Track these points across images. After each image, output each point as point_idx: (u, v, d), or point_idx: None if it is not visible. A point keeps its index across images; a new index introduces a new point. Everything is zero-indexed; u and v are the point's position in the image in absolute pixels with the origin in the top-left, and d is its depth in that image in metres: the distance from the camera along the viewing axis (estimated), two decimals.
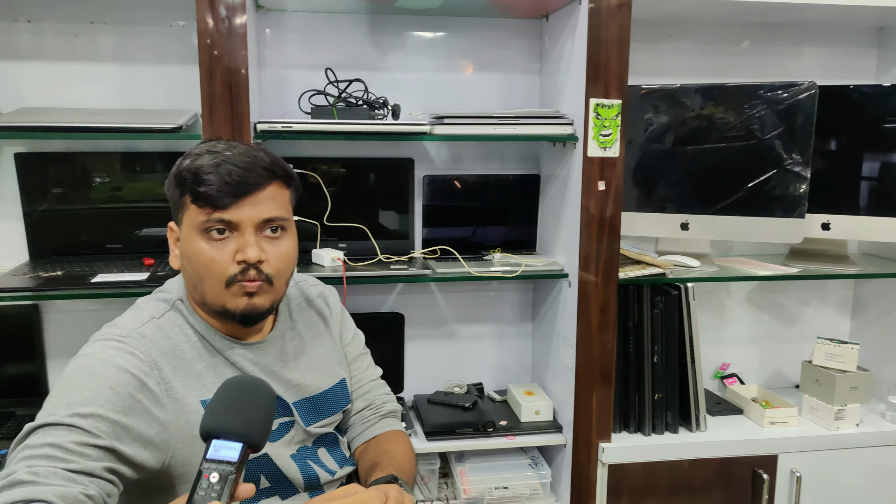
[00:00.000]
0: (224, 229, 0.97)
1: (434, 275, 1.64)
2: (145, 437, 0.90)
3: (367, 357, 1.30)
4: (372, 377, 1.28)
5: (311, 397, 1.12)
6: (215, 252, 0.96)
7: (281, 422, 1.08)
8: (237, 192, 0.96)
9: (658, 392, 1.72)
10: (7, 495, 0.76)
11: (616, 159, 1.60)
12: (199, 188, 0.95)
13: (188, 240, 0.98)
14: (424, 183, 1.80)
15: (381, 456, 1.14)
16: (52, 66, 1.63)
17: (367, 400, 1.25)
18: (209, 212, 0.95)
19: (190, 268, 0.99)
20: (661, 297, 1.70)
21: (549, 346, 1.83)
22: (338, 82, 1.66)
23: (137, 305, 1.05)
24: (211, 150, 0.99)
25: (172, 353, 0.98)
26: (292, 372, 1.11)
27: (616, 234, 1.62)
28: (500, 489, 1.68)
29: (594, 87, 1.57)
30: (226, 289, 0.97)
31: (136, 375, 0.92)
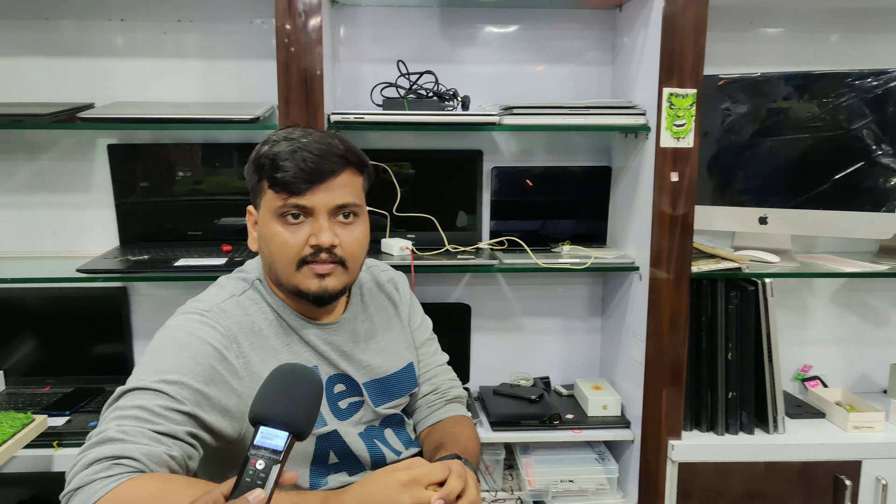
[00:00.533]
0: (299, 214, 1.00)
1: (501, 265, 1.65)
2: (224, 406, 0.95)
3: (434, 342, 1.31)
4: (438, 362, 1.30)
5: (381, 378, 1.15)
6: (289, 235, 1.00)
7: (351, 401, 1.11)
8: (312, 179, 0.98)
9: (732, 391, 1.66)
10: (99, 451, 0.83)
11: (690, 150, 1.56)
12: (275, 174, 0.98)
13: (265, 223, 1.02)
14: (493, 175, 1.80)
15: (446, 438, 1.15)
16: (142, 63, 1.72)
17: (433, 384, 1.27)
18: (285, 197, 0.99)
19: (266, 249, 1.03)
20: (737, 292, 1.64)
21: (619, 341, 1.80)
22: (409, 74, 1.69)
23: (219, 283, 1.10)
24: (288, 136, 1.02)
25: (251, 328, 1.02)
26: (363, 353, 1.13)
27: (689, 226, 1.58)
28: (566, 482, 1.67)
29: (668, 76, 1.53)
30: (297, 270, 1.01)
31: (217, 348, 0.96)
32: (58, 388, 1.73)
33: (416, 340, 1.26)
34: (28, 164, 1.74)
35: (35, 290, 1.73)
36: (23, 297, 1.73)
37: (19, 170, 1.74)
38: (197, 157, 1.73)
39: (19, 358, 1.74)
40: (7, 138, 1.72)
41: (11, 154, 1.73)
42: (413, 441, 1.21)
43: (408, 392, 1.21)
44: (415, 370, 1.23)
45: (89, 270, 1.52)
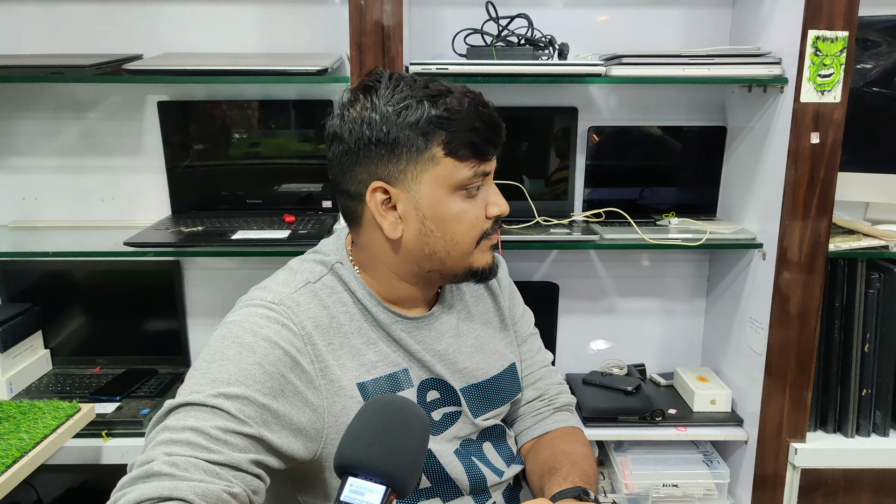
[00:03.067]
0: (481, 183, 0.87)
1: (602, 241, 1.44)
2: (296, 424, 0.79)
3: (537, 339, 1.13)
4: (543, 362, 1.11)
5: (479, 383, 0.98)
6: (477, 210, 0.87)
7: (446, 411, 0.94)
8: (497, 139, 0.87)
9: (867, 388, 1.44)
10: (142, 490, 0.66)
11: (836, 106, 1.31)
12: (468, 138, 0.83)
13: (438, 200, 0.84)
14: (589, 135, 1.57)
15: (559, 459, 0.97)
16: (196, 9, 1.53)
17: (538, 389, 1.09)
18: (475, 164, 0.84)
19: (438, 232, 0.86)
20: (879, 275, 1.41)
21: (730, 326, 1.58)
22: (498, 19, 1.46)
23: (291, 267, 0.92)
24: (444, 89, 0.84)
25: (329, 325, 0.86)
26: (459, 353, 0.96)
27: (829, 198, 1.34)
28: (669, 486, 1.48)
29: (815, 15, 1.28)
30: (475, 248, 0.89)
31: (289, 352, 0.80)
32: (108, 368, 1.60)
33: (518, 336, 1.09)
34: (75, 122, 1.57)
35: (83, 263, 1.58)
36: (70, 270, 1.59)
37: (65, 129, 1.58)
38: (254, 115, 1.54)
39: (67, 336, 1.61)
40: (52, 93, 1.55)
41: (56, 112, 1.57)
42: (516, 457, 1.04)
43: (510, 399, 1.03)
44: (518, 372, 1.05)
45: (137, 244, 1.36)
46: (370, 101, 0.83)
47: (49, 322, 1.59)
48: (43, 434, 1.18)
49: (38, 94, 1.55)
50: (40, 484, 1.58)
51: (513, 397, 1.03)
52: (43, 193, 1.61)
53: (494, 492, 0.97)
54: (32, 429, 1.20)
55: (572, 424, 1.08)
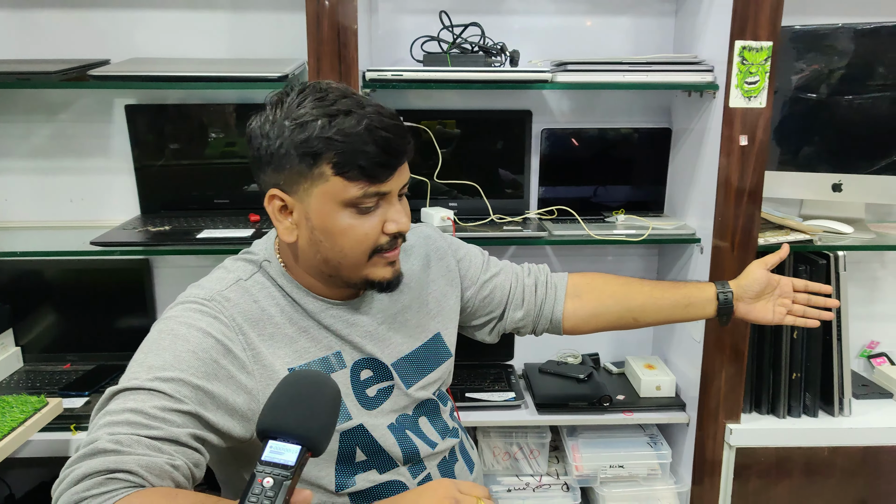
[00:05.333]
0: (376, 201, 0.88)
1: (551, 237, 1.53)
2: (231, 405, 0.84)
3: (491, 257, 1.18)
4: (510, 263, 1.18)
5: (408, 355, 1.03)
6: (368, 227, 0.88)
7: (380, 387, 0.99)
8: (394, 164, 0.86)
9: (796, 371, 1.55)
10: (89, 464, 0.72)
11: (762, 110, 1.41)
12: (355, 161, 0.83)
13: (326, 214, 0.86)
14: (542, 137, 1.66)
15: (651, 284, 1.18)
16: (163, 15, 1.58)
17: (532, 274, 1.18)
18: (364, 185, 0.85)
19: (327, 243, 0.89)
20: (806, 266, 1.51)
21: None
22: (452, 27, 1.54)
23: (225, 265, 0.97)
24: (345, 109, 0.84)
25: (260, 317, 0.91)
26: (389, 329, 1.01)
27: (758, 195, 1.45)
28: (616, 468, 1.58)
29: (741, 26, 1.38)
30: (368, 261, 0.91)
31: (220, 340, 0.85)
32: (78, 365, 1.65)
33: (473, 279, 1.13)
34: (46, 125, 1.62)
35: (54, 262, 1.63)
36: (41, 270, 1.64)
37: (37, 132, 1.62)
38: (224, 118, 1.60)
39: (38, 334, 1.66)
40: (24, 97, 1.60)
41: (28, 115, 1.61)
42: (451, 430, 1.07)
43: (438, 366, 1.07)
44: (444, 340, 1.08)
45: (104, 243, 1.42)
46: (273, 113, 0.86)
47: (20, 320, 1.64)
48: (10, 427, 1.23)
49: (10, 99, 1.60)
50: (12, 478, 1.63)
51: (440, 364, 1.07)
52: (14, 195, 1.65)
53: (429, 463, 1.01)
54: (0, 423, 1.24)
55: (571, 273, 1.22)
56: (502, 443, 1.61)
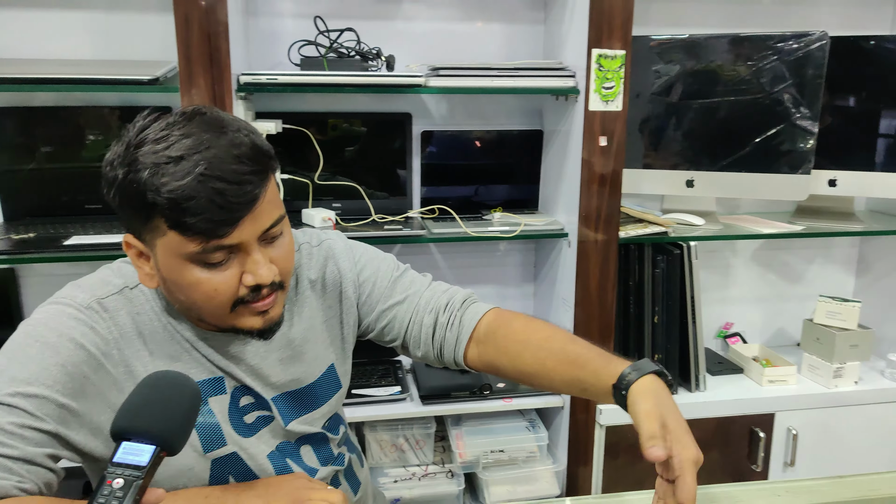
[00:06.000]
0: (224, 256, 0.78)
1: (430, 235, 1.59)
2: (95, 424, 0.80)
3: (403, 277, 1.02)
4: (421, 290, 1.01)
5: (294, 391, 0.95)
6: (218, 281, 0.78)
7: (259, 415, 0.93)
8: (235, 217, 0.75)
9: (658, 352, 1.69)
10: None
11: (618, 113, 1.53)
12: (182, 218, 0.73)
13: (171, 268, 0.77)
14: (422, 139, 1.72)
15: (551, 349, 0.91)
16: (29, 15, 1.52)
17: (434, 309, 0.99)
18: (201, 242, 0.75)
19: (181, 295, 0.80)
20: (663, 256, 1.66)
21: (550, 306, 1.79)
22: (328, 32, 1.57)
23: (112, 267, 0.90)
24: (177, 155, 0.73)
25: (139, 332, 0.84)
26: (273, 367, 0.93)
27: (617, 191, 1.57)
28: (497, 452, 1.67)
29: (597, 36, 1.49)
30: (231, 312, 0.81)
31: (93, 354, 0.80)
32: None
33: (381, 301, 1.00)
34: None
35: None
36: None
37: None
38: (105, 121, 1.56)
39: None
40: None
41: None
42: (336, 458, 1.01)
43: (327, 401, 0.99)
44: (336, 372, 1.00)
45: None
46: (119, 150, 0.76)
47: None
48: None
49: None
50: None
51: (330, 398, 0.99)
52: None
53: None
54: None
55: (491, 308, 1.02)
56: (389, 436, 1.66)
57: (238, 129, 0.77)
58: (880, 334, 1.90)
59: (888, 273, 1.94)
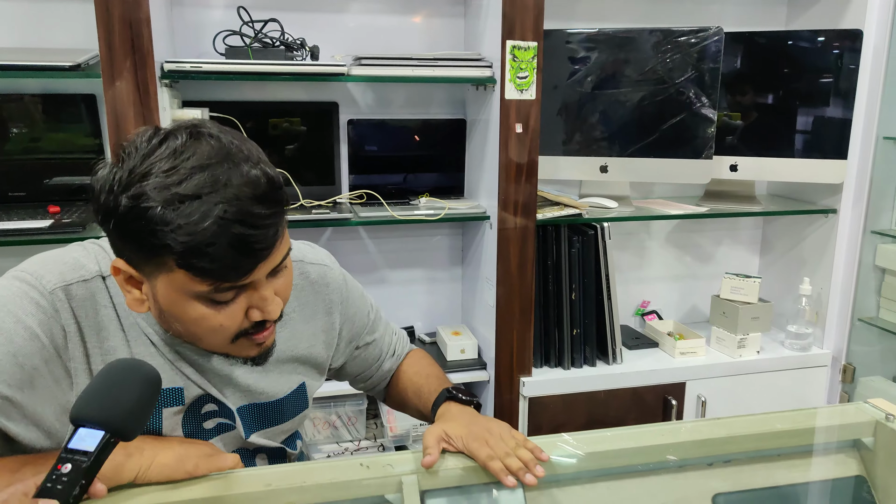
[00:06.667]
0: (234, 295, 0.75)
1: (357, 219, 1.65)
2: (38, 417, 0.78)
3: (377, 319, 1.09)
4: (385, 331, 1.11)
5: (261, 403, 0.95)
6: (224, 317, 0.75)
7: (220, 422, 0.92)
8: (254, 262, 0.72)
9: (576, 328, 1.80)
10: None
11: (532, 102, 1.63)
12: (198, 263, 0.69)
13: (174, 302, 0.74)
14: (349, 128, 1.79)
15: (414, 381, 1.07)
16: None
17: (391, 355, 1.12)
18: (213, 283, 0.72)
19: (179, 326, 0.78)
20: (579, 237, 1.76)
21: (475, 287, 1.88)
22: (252, 22, 1.61)
23: (88, 249, 0.85)
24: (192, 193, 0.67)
25: (102, 326, 0.81)
26: (244, 377, 0.92)
27: (533, 176, 1.66)
28: (425, 426, 1.74)
29: (510, 29, 1.58)
30: (231, 343, 0.79)
31: (48, 346, 0.77)
32: None
33: (360, 338, 1.06)
34: None
35: None
36: None
37: None
38: (27, 110, 1.57)
39: None
40: None
41: None
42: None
43: (293, 417, 0.99)
44: (306, 391, 1.01)
45: None
46: (114, 173, 0.70)
47: None
48: None
49: None
50: None
51: (296, 415, 1.00)
52: None
53: None
54: None
55: (410, 350, 1.14)
56: (322, 413, 1.72)
57: (248, 157, 0.72)
58: (781, 308, 2.06)
59: (787, 252, 2.10)
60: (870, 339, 2.00)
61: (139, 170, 0.69)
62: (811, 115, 1.86)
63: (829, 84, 1.82)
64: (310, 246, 1.02)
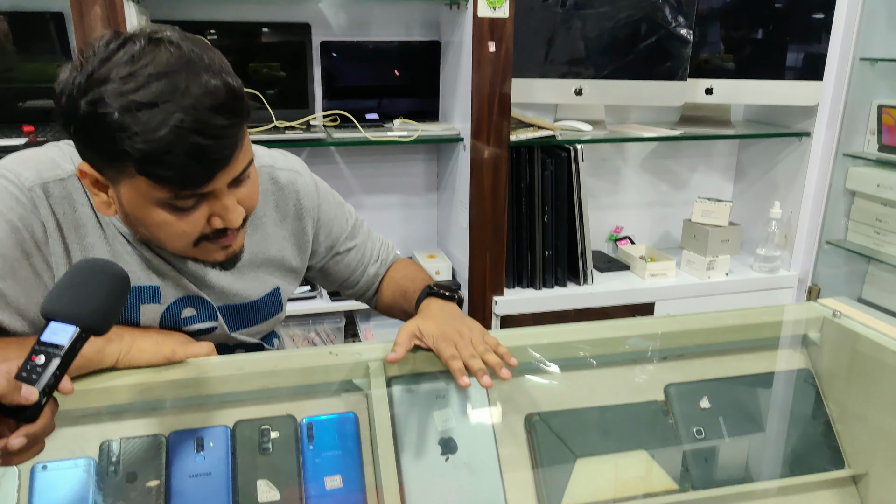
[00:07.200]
0: (195, 203, 0.76)
1: (330, 140, 1.66)
2: (22, 307, 0.81)
3: (357, 225, 1.10)
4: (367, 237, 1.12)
5: (237, 305, 0.98)
6: (186, 223, 0.77)
7: (201, 327, 0.95)
8: (211, 171, 0.73)
9: (548, 250, 1.84)
10: None
11: (505, 20, 1.61)
12: (156, 170, 0.70)
13: (137, 206, 0.76)
14: (322, 50, 1.77)
15: (400, 283, 1.08)
16: None
17: (377, 261, 1.13)
18: (173, 190, 0.73)
19: (143, 229, 0.80)
20: (552, 159, 1.78)
21: (450, 212, 1.91)
22: None
23: (62, 149, 0.85)
24: (149, 101, 0.68)
25: (79, 224, 0.83)
26: (220, 278, 0.94)
27: (507, 96, 1.67)
28: None
29: None
30: (194, 247, 0.81)
31: (28, 240, 0.80)
32: None
33: (338, 244, 1.07)
34: None
35: None
36: None
37: None
38: None
39: None
40: None
41: None
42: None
43: (269, 318, 1.03)
44: (280, 295, 1.03)
45: None
46: (79, 80, 0.70)
47: None
48: None
49: None
50: None
51: (270, 317, 1.03)
52: None
53: None
54: None
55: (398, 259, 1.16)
56: (301, 331, 1.76)
57: (209, 66, 0.72)
58: (752, 233, 2.11)
59: (760, 177, 2.14)
60: (836, 261, 2.06)
61: (97, 75, 0.69)
62: (788, 36, 1.86)
63: (807, 3, 1.81)
64: (282, 153, 1.03)
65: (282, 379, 0.88)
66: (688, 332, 1.03)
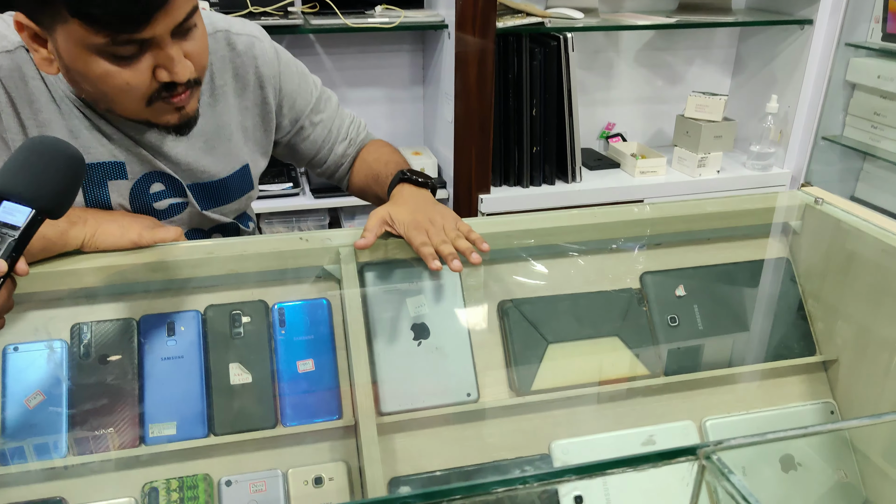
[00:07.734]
0: (135, 49, 0.73)
1: (308, 26, 1.57)
2: None
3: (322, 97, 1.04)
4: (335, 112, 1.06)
5: (206, 183, 0.96)
6: (129, 74, 0.74)
7: (172, 202, 0.93)
8: (147, 11, 0.69)
9: (536, 145, 1.79)
10: None
11: None
12: (87, 9, 0.67)
13: (76, 57, 0.73)
14: None
15: (373, 167, 1.04)
16: None
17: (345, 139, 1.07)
18: (109, 34, 0.70)
19: (87, 86, 0.77)
20: (541, 48, 1.70)
21: (436, 107, 1.85)
22: None
23: (4, 18, 0.82)
24: None
25: (32, 98, 0.81)
26: (186, 154, 0.91)
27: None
28: None
29: None
30: (147, 107, 0.78)
31: None
32: None
33: (303, 117, 1.02)
34: None
35: None
36: None
37: None
38: None
39: None
40: None
41: None
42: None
43: (240, 196, 1.01)
44: (250, 173, 1.01)
45: None
46: None
47: None
48: None
49: None
50: None
51: (240, 196, 1.01)
52: None
53: None
54: None
55: (372, 139, 1.11)
56: (285, 228, 1.75)
57: None
58: (747, 130, 2.05)
59: (760, 70, 2.05)
60: (831, 158, 2.02)
61: None
62: None
63: None
64: (241, 20, 0.97)
65: (252, 263, 0.87)
66: (667, 219, 1.01)
